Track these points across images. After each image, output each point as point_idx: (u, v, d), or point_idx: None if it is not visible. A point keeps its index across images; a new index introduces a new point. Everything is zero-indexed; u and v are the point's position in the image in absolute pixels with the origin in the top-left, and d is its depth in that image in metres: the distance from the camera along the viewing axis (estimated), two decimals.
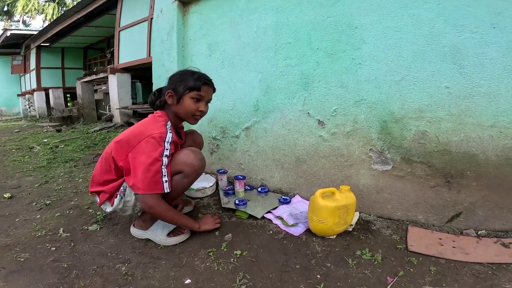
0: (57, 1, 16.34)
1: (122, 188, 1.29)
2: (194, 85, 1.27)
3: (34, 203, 1.83)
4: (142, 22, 5.55)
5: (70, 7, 9.85)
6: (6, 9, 17.52)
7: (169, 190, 1.22)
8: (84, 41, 9.62)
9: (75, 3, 8.50)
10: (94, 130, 5.13)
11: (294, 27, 1.65)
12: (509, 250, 1.16)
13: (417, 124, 1.35)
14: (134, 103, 6.50)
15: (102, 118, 6.77)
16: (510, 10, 1.15)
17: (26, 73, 11.38)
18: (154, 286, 1.05)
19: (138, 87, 7.67)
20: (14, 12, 16.99)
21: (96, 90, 8.08)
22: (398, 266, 1.12)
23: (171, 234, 1.33)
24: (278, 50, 1.73)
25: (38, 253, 1.27)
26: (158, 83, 2.34)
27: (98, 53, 10.25)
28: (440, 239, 1.26)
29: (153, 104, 1.39)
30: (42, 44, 9.54)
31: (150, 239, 1.34)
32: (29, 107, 11.29)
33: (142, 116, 5.53)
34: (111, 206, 1.31)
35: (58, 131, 5.44)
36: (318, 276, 1.08)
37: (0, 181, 2.34)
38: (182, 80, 1.29)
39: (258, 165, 1.91)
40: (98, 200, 1.36)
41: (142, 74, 6.48)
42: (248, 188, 1.84)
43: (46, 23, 13.29)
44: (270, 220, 1.50)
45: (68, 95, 11.00)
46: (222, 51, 2.00)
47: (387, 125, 1.41)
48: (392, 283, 1.02)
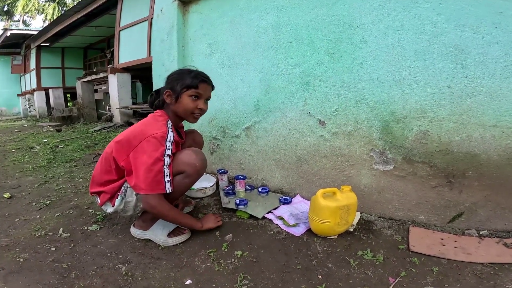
0: (57, 1, 16.33)
1: (123, 188, 1.28)
2: (191, 83, 1.27)
3: (34, 203, 1.82)
4: (142, 22, 5.55)
5: (70, 7, 9.85)
6: (6, 9, 17.52)
7: (171, 190, 1.22)
8: (84, 41, 9.62)
9: (75, 3, 8.51)
10: (94, 130, 5.13)
11: (295, 27, 1.64)
12: (511, 250, 1.16)
13: (418, 123, 1.34)
14: (134, 103, 6.50)
15: (102, 118, 6.78)
16: None
17: (26, 73, 11.38)
18: (154, 287, 1.05)
19: (138, 87, 7.66)
20: (14, 12, 16.99)
21: (96, 90, 8.08)
22: (400, 267, 1.11)
23: (172, 234, 1.32)
24: (278, 49, 1.72)
25: (37, 253, 1.26)
26: (158, 83, 2.33)
27: (98, 53, 10.25)
28: (441, 239, 1.25)
29: (152, 104, 1.39)
30: (42, 44, 9.55)
31: (150, 240, 1.34)
32: (29, 107, 11.28)
33: (142, 116, 5.53)
34: (112, 206, 1.31)
35: (58, 131, 5.44)
36: (320, 276, 1.08)
37: (0, 181, 2.34)
38: (179, 79, 1.28)
39: (259, 165, 1.90)
40: (99, 200, 1.35)
41: (142, 74, 6.48)
42: (248, 188, 1.83)
43: (46, 23, 13.27)
44: (271, 220, 1.49)
45: (68, 95, 11.00)
46: (222, 51, 2.00)
47: (389, 124, 1.41)
48: (394, 284, 1.02)
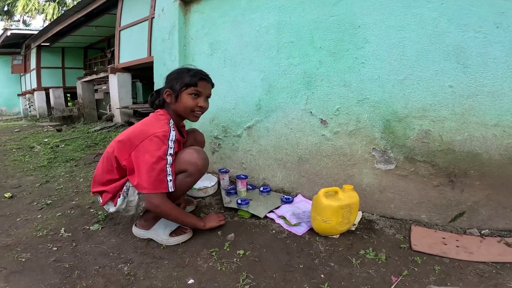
0: (57, 1, 16.32)
1: (125, 187, 1.28)
2: (190, 81, 1.27)
3: (35, 203, 1.82)
4: (143, 21, 5.54)
5: (70, 7, 9.85)
6: (6, 8, 17.52)
7: (173, 189, 1.22)
8: (84, 40, 9.61)
9: (76, 3, 8.51)
10: (95, 130, 5.13)
11: (296, 26, 1.64)
12: None
13: (420, 123, 1.34)
14: (134, 103, 6.50)
15: (102, 117, 6.77)
16: None
17: (26, 72, 11.37)
18: (156, 286, 1.05)
19: (138, 87, 7.67)
20: (15, 12, 16.98)
21: (96, 90, 8.09)
22: (402, 266, 1.11)
23: (174, 233, 1.32)
24: (280, 49, 1.72)
25: (39, 253, 1.26)
26: (159, 83, 2.33)
27: (99, 52, 10.25)
28: (443, 239, 1.26)
29: (152, 104, 1.39)
30: (42, 43, 9.54)
31: (152, 239, 1.34)
32: (29, 107, 11.28)
33: (142, 115, 5.52)
34: (114, 206, 1.31)
35: (59, 131, 5.43)
36: (322, 275, 1.08)
37: (0, 180, 2.34)
38: (178, 77, 1.29)
39: (260, 164, 1.90)
40: (101, 200, 1.35)
41: (142, 73, 6.49)
42: (250, 187, 1.83)
43: (46, 23, 13.27)
44: (272, 219, 1.49)
45: (68, 95, 10.99)
46: (224, 50, 2.00)
47: (390, 124, 1.41)
48: (396, 283, 1.02)
